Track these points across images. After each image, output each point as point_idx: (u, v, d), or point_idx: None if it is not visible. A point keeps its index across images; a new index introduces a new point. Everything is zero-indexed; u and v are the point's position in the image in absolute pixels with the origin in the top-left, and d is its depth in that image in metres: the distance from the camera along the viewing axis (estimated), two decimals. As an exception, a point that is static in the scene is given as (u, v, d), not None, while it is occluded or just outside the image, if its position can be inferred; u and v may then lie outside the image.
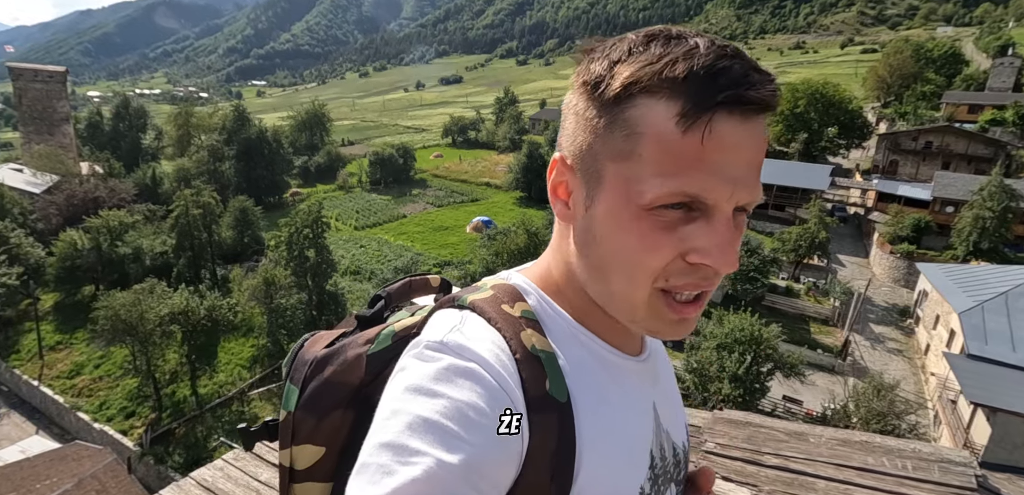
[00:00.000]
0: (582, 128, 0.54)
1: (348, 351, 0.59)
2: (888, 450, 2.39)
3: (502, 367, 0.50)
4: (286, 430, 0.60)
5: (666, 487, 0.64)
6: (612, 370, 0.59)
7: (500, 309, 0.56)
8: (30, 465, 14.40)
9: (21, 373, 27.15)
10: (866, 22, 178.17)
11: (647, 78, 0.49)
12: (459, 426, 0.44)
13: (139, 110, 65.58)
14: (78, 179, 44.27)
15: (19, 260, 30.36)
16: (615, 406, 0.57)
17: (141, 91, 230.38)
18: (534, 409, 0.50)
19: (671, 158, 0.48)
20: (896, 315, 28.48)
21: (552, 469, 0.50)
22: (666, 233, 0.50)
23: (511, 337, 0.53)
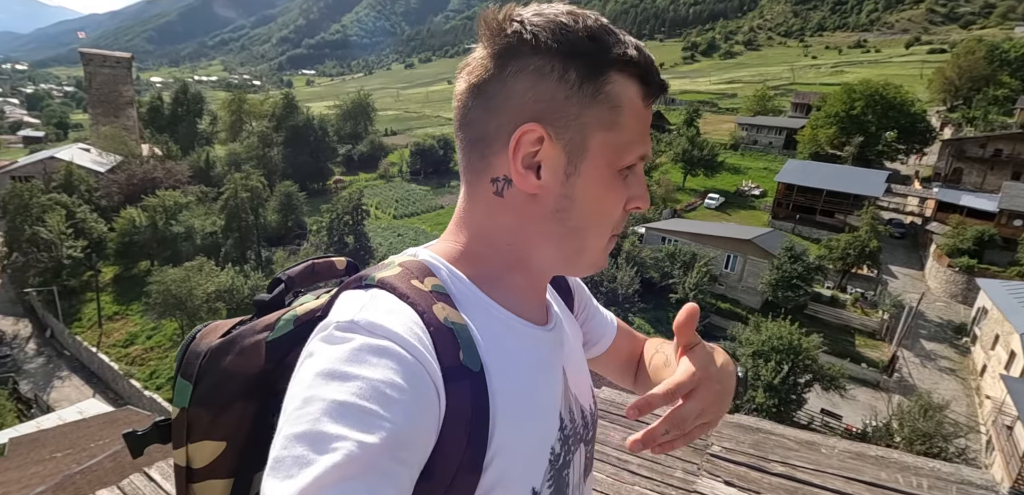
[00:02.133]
0: (563, 99, 0.57)
1: (245, 339, 0.57)
2: (904, 466, 2.26)
3: (416, 341, 0.50)
4: (180, 428, 0.57)
5: (576, 447, 0.68)
6: (522, 338, 0.62)
7: (410, 284, 0.56)
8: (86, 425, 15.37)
9: (82, 340, 28.97)
10: (935, 20, 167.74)
11: (623, 60, 0.57)
12: (377, 405, 0.44)
13: (196, 96, 68.54)
14: (139, 160, 46.69)
15: (84, 233, 32.42)
16: (526, 372, 0.60)
17: (199, 78, 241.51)
18: (449, 379, 0.51)
19: (639, 126, 0.60)
20: (950, 332, 26.85)
21: (467, 434, 0.51)
22: (624, 187, 0.61)
23: (424, 310, 0.53)
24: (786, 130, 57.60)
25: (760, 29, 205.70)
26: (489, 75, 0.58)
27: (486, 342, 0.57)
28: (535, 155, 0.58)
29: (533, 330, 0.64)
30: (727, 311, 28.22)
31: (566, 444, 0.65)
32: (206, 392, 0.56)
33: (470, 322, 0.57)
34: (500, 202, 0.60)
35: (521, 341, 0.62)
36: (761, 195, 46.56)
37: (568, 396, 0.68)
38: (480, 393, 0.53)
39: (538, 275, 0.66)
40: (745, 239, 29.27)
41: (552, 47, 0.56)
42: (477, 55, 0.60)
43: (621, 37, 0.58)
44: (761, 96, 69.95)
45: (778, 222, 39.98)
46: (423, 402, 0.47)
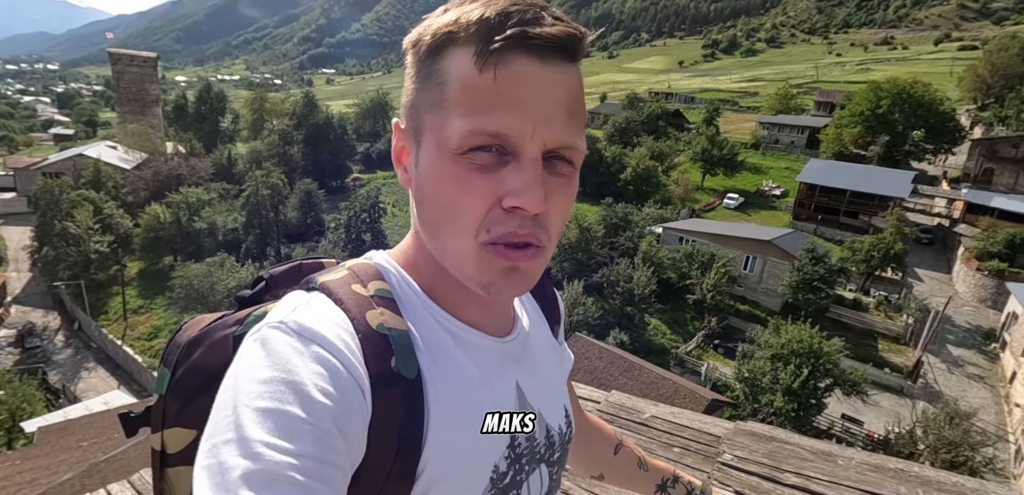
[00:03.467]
0: (408, 88, 0.57)
1: (217, 333, 0.59)
2: (925, 481, 2.17)
3: (343, 345, 0.49)
4: (157, 414, 0.59)
5: (533, 468, 0.64)
6: (467, 347, 0.60)
7: (350, 289, 0.56)
8: (111, 415, 15.75)
9: (108, 332, 29.75)
10: (967, 16, 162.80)
11: (450, 27, 0.52)
12: (300, 409, 0.43)
13: (219, 94, 69.83)
14: (163, 157, 47.81)
15: (111, 229, 33.29)
16: (468, 383, 0.58)
17: (222, 77, 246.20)
18: (377, 385, 0.50)
19: (471, 98, 0.50)
20: (979, 338, 26.06)
21: (397, 442, 0.50)
22: (480, 175, 0.51)
23: (356, 316, 0.53)
24: (809, 129, 56.50)
25: (783, 26, 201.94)
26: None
27: (427, 349, 0.56)
28: (401, 148, 0.58)
29: (483, 339, 0.61)
30: (746, 313, 27.79)
31: (518, 463, 0.61)
32: (179, 381, 0.58)
33: (413, 328, 0.56)
34: (411, 199, 0.60)
35: (466, 349, 0.59)
36: (782, 195, 45.76)
37: (528, 410, 0.64)
38: (413, 400, 0.52)
39: (462, 286, 0.60)
40: (765, 240, 28.79)
41: (409, 43, 0.57)
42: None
43: (461, 9, 0.52)
44: (783, 95, 68.71)
45: (800, 223, 39.26)
46: (348, 406, 0.47)
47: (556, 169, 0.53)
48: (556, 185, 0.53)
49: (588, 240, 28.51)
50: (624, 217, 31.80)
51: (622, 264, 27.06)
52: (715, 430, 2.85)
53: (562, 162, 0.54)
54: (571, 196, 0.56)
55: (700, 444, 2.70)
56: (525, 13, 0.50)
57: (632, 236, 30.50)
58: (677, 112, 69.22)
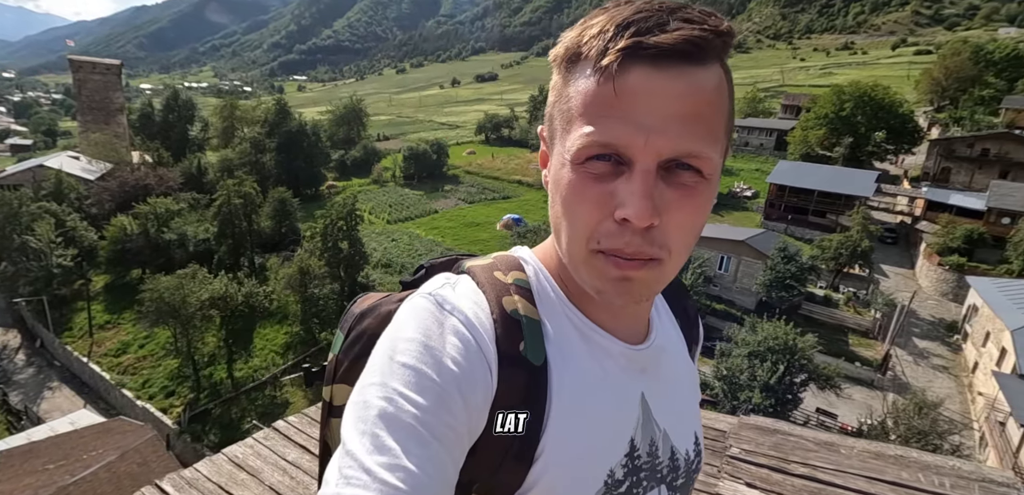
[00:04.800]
0: (550, 99, 0.59)
1: (382, 307, 0.66)
2: (925, 466, 2.27)
3: (478, 322, 0.54)
4: (331, 370, 0.68)
5: (653, 486, 0.64)
6: (593, 347, 0.61)
7: (492, 275, 0.61)
8: (78, 436, 15.17)
9: (73, 349, 28.62)
10: (921, 22, 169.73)
11: (577, 41, 0.53)
12: (431, 370, 0.49)
13: (187, 102, 68.05)
14: (130, 167, 46.29)
15: (74, 242, 32.05)
16: (591, 380, 0.59)
17: (189, 84, 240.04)
18: (504, 364, 0.54)
19: (590, 109, 0.51)
20: (942, 330, 27.12)
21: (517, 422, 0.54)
22: (595, 184, 0.52)
23: (492, 299, 0.58)
24: (777, 131, 58.05)
25: (750, 32, 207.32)
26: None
27: (556, 341, 0.59)
28: (543, 153, 0.62)
29: (610, 343, 0.63)
30: (722, 312, 28.34)
31: (635, 476, 0.62)
32: (350, 344, 0.65)
33: (545, 319, 0.59)
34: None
35: (593, 350, 0.61)
36: (754, 196, 46.83)
37: (651, 427, 0.65)
38: (538, 385, 0.55)
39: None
40: (739, 240, 29.43)
41: (553, 60, 0.58)
42: None
43: (586, 23, 0.54)
44: (752, 98, 70.49)
45: (771, 223, 40.23)
46: (474, 377, 0.51)
47: (678, 179, 0.52)
48: (676, 197, 0.52)
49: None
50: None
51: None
52: (720, 425, 2.92)
53: (687, 171, 0.52)
54: (698, 208, 0.53)
55: (707, 439, 2.76)
56: (646, 20, 0.50)
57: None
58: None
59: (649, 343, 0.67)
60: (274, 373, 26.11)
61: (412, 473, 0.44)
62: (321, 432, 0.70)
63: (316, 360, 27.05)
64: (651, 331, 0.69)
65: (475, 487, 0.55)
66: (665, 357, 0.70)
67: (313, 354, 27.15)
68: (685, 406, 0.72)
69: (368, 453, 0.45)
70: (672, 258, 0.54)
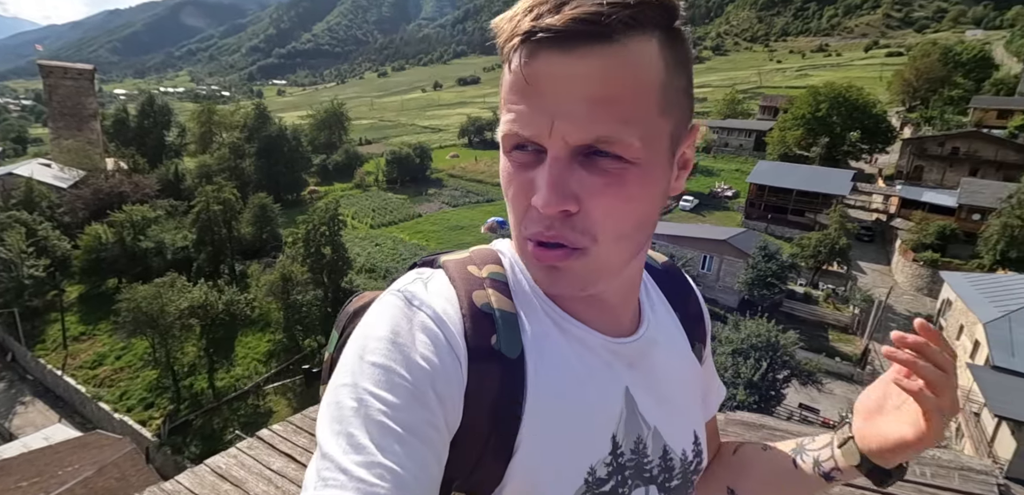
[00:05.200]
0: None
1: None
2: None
3: (445, 316, 0.53)
4: (326, 369, 0.67)
5: (639, 484, 0.62)
6: (571, 339, 0.59)
7: (465, 270, 0.60)
8: (53, 451, 14.75)
9: (46, 362, 27.85)
10: (892, 24, 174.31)
11: (497, 33, 0.52)
12: (402, 367, 0.49)
13: (164, 108, 66.84)
14: (104, 174, 45.31)
15: (46, 252, 31.20)
16: (571, 376, 0.57)
17: (166, 89, 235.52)
18: (474, 357, 0.53)
19: (509, 98, 0.51)
20: (919, 324, 27.81)
21: (493, 416, 0.53)
22: (519, 173, 0.52)
23: (462, 293, 0.57)
24: (755, 132, 59.05)
25: (727, 34, 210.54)
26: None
27: (532, 334, 0.57)
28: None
29: (589, 335, 0.60)
30: (705, 311, 28.71)
31: (620, 474, 0.59)
32: (345, 343, 0.63)
33: (521, 312, 0.58)
34: None
35: (570, 343, 0.59)
36: (734, 196, 47.51)
37: (636, 423, 0.61)
38: (512, 378, 0.54)
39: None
40: (721, 240, 29.84)
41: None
42: None
43: (519, 4, 0.50)
44: (730, 100, 71.60)
45: (751, 222, 40.86)
46: (445, 372, 0.50)
47: (597, 165, 0.50)
48: (597, 183, 0.50)
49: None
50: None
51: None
52: (706, 422, 2.94)
53: (605, 158, 0.49)
54: (626, 194, 0.51)
55: (694, 436, 2.78)
56: (547, 1, 0.47)
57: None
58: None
59: (638, 336, 0.64)
60: (257, 382, 25.69)
61: (391, 470, 0.43)
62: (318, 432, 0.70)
63: (303, 364, 26.67)
64: (641, 323, 0.66)
65: (455, 484, 0.53)
66: (657, 351, 0.66)
67: (297, 361, 26.78)
68: (682, 403, 0.69)
69: (344, 453, 0.44)
70: (599, 246, 0.52)
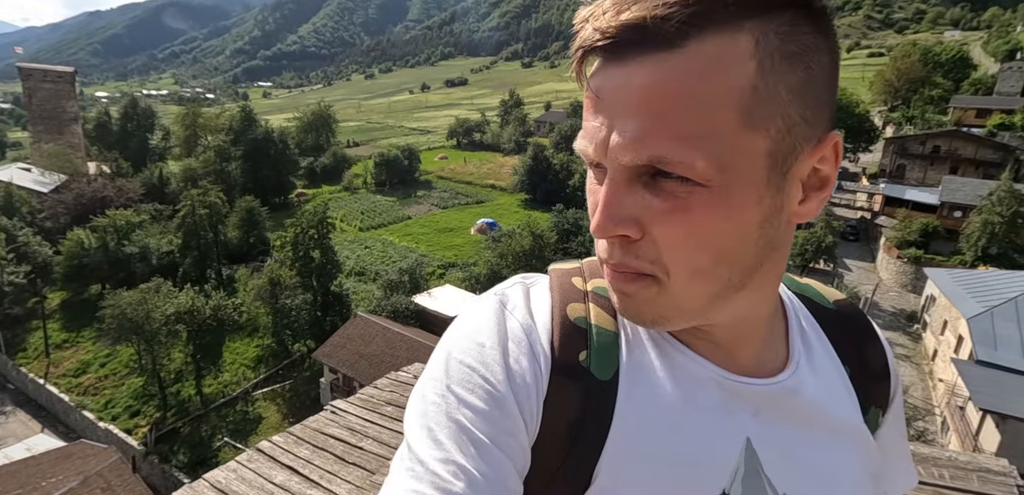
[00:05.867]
0: None
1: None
2: (922, 458, 2.31)
3: (538, 325, 0.52)
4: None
5: None
6: (678, 371, 0.52)
7: (569, 280, 0.58)
8: (36, 463, 14.42)
9: (27, 371, 27.29)
10: (873, 26, 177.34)
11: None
12: (485, 369, 0.48)
13: (147, 110, 65.92)
14: (86, 178, 44.57)
15: (27, 258, 30.57)
16: (669, 410, 0.50)
17: (149, 92, 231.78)
18: (557, 371, 0.51)
19: (584, 111, 0.48)
20: (903, 320, 28.24)
21: (571, 436, 0.49)
22: (593, 191, 0.48)
23: (558, 304, 0.54)
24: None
25: None
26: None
27: (632, 359, 0.52)
28: None
29: (702, 368, 0.52)
30: (695, 310, 28.95)
31: None
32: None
33: (625, 333, 0.54)
34: None
35: (677, 375, 0.52)
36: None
37: (761, 485, 0.51)
38: (598, 403, 0.50)
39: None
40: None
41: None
42: None
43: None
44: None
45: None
46: (527, 381, 0.49)
47: (660, 188, 0.43)
48: (662, 209, 0.43)
49: (541, 246, 28.82)
50: (575, 222, 32.37)
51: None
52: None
53: (668, 179, 0.42)
54: (688, 221, 0.43)
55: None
56: (602, 4, 0.42)
57: (585, 241, 31.07)
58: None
59: (776, 380, 0.54)
60: (245, 388, 25.36)
61: (465, 469, 0.43)
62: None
63: (292, 370, 26.40)
64: (788, 365, 0.56)
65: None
66: (801, 403, 0.54)
67: (285, 366, 26.48)
68: (830, 475, 0.54)
69: (423, 446, 0.45)
70: (672, 280, 0.46)
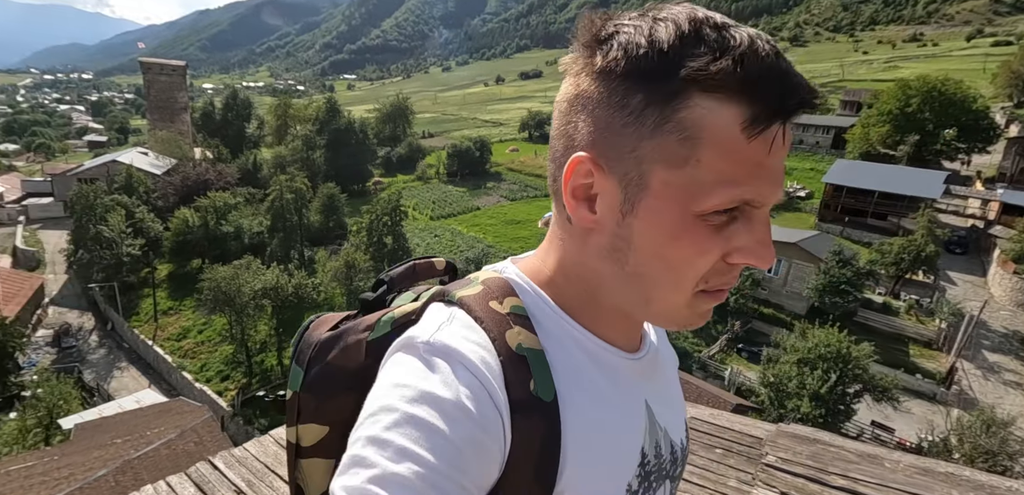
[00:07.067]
0: (619, 126, 0.49)
1: (349, 337, 0.60)
2: (978, 485, 2.13)
3: (486, 368, 0.49)
4: (292, 409, 0.61)
5: (660, 484, 0.64)
6: (605, 367, 0.58)
7: (488, 306, 0.56)
8: (143, 414, 16.22)
9: (139, 333, 30.55)
10: (1000, 10, 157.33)
11: (711, 76, 0.45)
12: (443, 425, 0.45)
13: (245, 101, 71.27)
14: (192, 163, 49.04)
15: (142, 233, 34.24)
16: (605, 403, 0.57)
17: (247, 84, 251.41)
18: (517, 410, 0.49)
19: (735, 166, 0.46)
20: (1017, 343, 25.14)
21: (536, 467, 0.50)
22: (715, 236, 0.49)
23: (496, 336, 0.52)
24: (834, 129, 55.37)
25: (807, 24, 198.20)
26: (565, 95, 0.54)
27: (563, 369, 0.55)
28: (590, 186, 0.52)
29: (619, 358, 0.60)
30: (770, 317, 27.33)
31: (647, 481, 0.61)
32: (313, 380, 0.59)
33: (547, 347, 0.55)
34: (569, 228, 0.57)
35: (604, 369, 0.58)
36: (807, 197, 44.88)
37: (655, 430, 0.63)
38: (551, 424, 0.51)
39: (618, 314, 0.59)
40: (790, 242, 28.27)
41: (619, 67, 0.48)
42: (571, 64, 0.54)
43: (716, 43, 0.45)
44: (807, 94, 67.37)
45: (825, 224, 38.45)
46: (488, 432, 0.47)
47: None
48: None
49: (609, 243, 28.37)
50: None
51: (644, 267, 26.83)
52: (756, 432, 2.83)
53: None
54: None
55: (742, 446, 2.69)
56: (793, 76, 0.46)
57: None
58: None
59: (646, 349, 0.65)
60: (321, 362, 26.98)
61: None
62: (289, 473, 0.65)
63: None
64: (644, 335, 0.67)
65: None
66: (660, 360, 0.68)
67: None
68: (676, 399, 0.71)
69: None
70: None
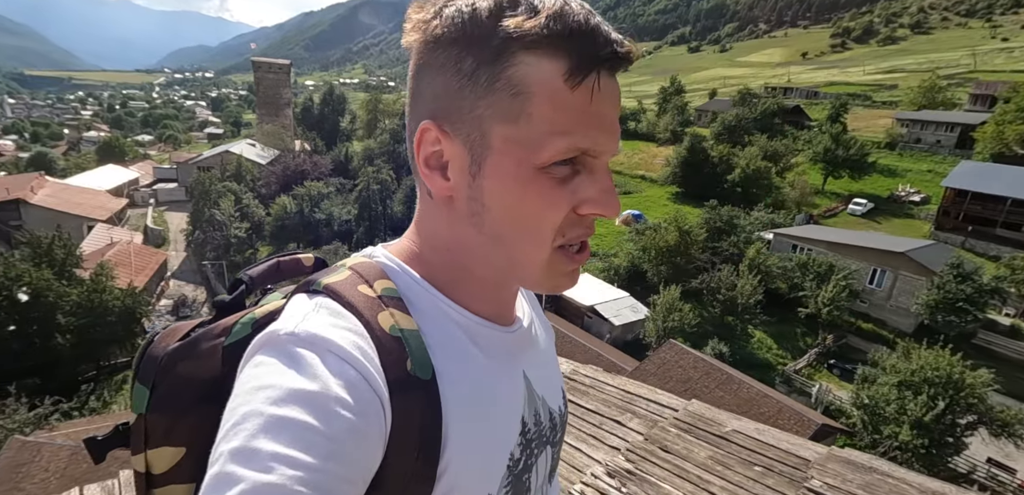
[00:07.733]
0: (456, 90, 0.50)
1: (202, 343, 0.54)
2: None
3: (359, 353, 0.47)
4: (138, 434, 0.54)
5: (541, 450, 0.65)
6: (480, 341, 0.58)
7: (357, 291, 0.53)
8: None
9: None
10: None
11: (531, 33, 0.47)
12: (317, 420, 0.41)
13: (340, 97, 76.06)
14: (292, 154, 53.14)
15: (247, 217, 37.71)
16: (482, 377, 0.57)
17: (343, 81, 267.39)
18: (396, 391, 0.48)
19: (564, 115, 0.48)
20: None
21: (418, 446, 0.49)
22: (561, 188, 0.51)
23: (369, 320, 0.50)
24: (960, 126, 49.27)
25: (933, 9, 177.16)
26: (409, 73, 0.56)
27: (439, 346, 0.54)
28: (441, 155, 0.53)
29: (493, 331, 0.60)
30: (869, 332, 24.96)
31: (528, 448, 0.62)
32: (163, 398, 0.53)
33: (422, 326, 0.54)
34: (431, 204, 0.58)
35: (479, 343, 0.58)
36: (922, 201, 40.43)
37: (533, 399, 0.65)
38: (431, 402, 0.50)
39: (489, 283, 0.59)
40: (898, 252, 25.61)
41: (449, 35, 0.50)
42: (410, 41, 0.55)
43: (530, 5, 0.48)
44: (929, 87, 60.49)
45: (944, 234, 34.44)
46: (367, 418, 0.44)
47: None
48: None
49: (688, 243, 27.20)
50: (729, 220, 29.89)
51: (724, 270, 25.47)
52: (805, 453, 2.63)
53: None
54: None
55: (785, 466, 2.51)
56: (603, 29, 0.49)
57: (738, 241, 28.57)
58: (797, 108, 63.66)
59: (520, 321, 0.66)
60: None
61: None
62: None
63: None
64: (520, 306, 0.69)
65: None
66: (534, 333, 0.69)
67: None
68: (552, 367, 0.73)
69: None
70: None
